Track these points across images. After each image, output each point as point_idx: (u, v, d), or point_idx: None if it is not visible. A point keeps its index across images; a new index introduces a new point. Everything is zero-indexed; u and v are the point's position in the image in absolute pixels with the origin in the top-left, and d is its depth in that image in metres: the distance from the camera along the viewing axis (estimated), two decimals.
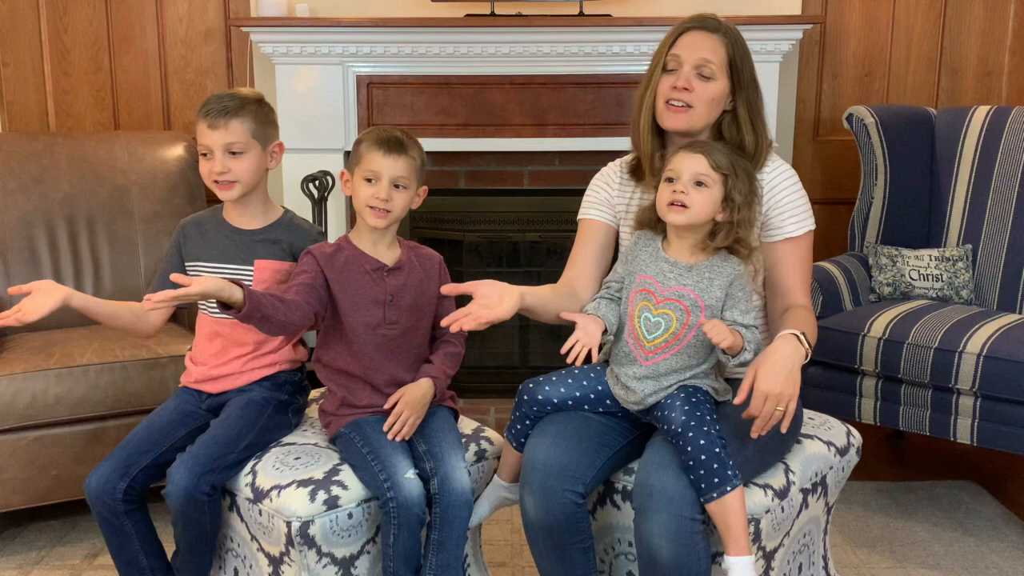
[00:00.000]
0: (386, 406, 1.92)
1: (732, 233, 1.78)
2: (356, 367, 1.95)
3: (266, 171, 2.07)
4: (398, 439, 1.88)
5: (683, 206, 1.76)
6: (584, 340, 1.72)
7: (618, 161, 2.07)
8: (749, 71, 1.92)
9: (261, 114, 2.03)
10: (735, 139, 1.92)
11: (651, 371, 1.79)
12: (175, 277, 1.71)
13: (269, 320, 1.77)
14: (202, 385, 2.06)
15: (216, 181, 2.00)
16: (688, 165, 1.77)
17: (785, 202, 1.91)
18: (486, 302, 1.71)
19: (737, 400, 1.70)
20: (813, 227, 1.95)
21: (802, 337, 1.74)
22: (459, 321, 1.68)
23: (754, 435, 1.69)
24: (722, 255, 1.80)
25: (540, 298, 1.87)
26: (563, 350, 1.71)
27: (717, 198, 1.77)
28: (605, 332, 1.79)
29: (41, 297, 1.89)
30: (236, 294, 1.71)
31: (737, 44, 1.91)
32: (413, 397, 1.92)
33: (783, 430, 1.70)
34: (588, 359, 1.73)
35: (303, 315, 1.85)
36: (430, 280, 2.00)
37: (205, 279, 1.72)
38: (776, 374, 1.68)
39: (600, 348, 1.76)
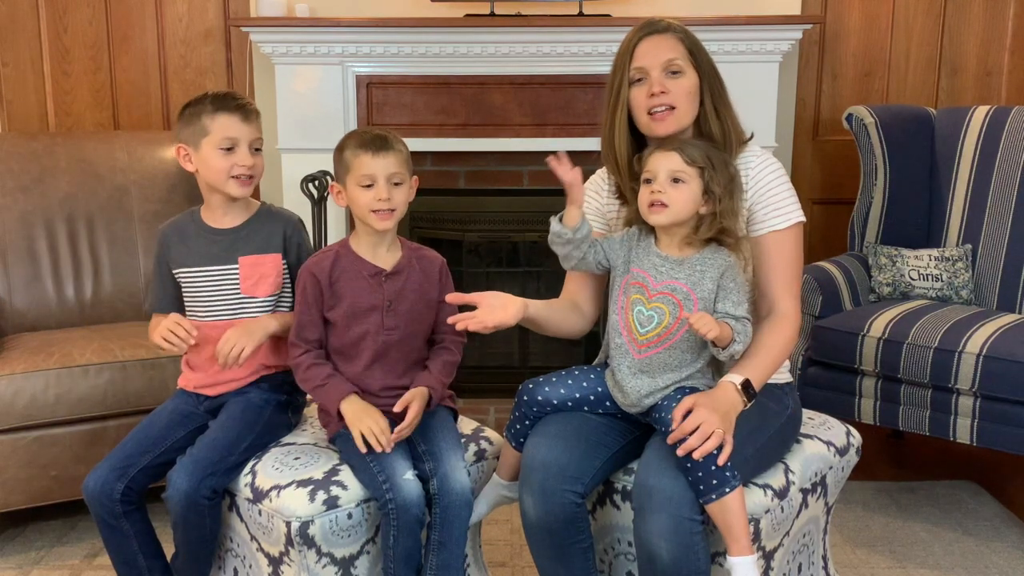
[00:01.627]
0: (396, 408, 1.88)
1: (716, 223, 1.78)
2: (349, 377, 1.93)
3: None
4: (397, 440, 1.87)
5: (663, 205, 1.76)
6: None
7: (602, 170, 2.05)
8: (706, 60, 1.91)
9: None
10: (709, 131, 1.90)
11: (644, 365, 1.79)
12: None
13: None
14: (200, 389, 2.05)
15: (237, 176, 1.99)
16: (663, 164, 1.78)
17: (769, 195, 1.89)
18: (490, 309, 1.78)
19: (674, 424, 1.68)
20: (800, 220, 1.91)
21: (740, 390, 1.73)
22: (464, 322, 1.76)
23: (670, 442, 1.68)
24: (712, 247, 1.80)
25: (543, 310, 1.91)
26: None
27: (696, 192, 1.77)
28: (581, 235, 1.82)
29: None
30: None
31: (688, 36, 1.90)
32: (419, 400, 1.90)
33: (720, 462, 1.66)
34: (589, 360, 1.73)
35: None
36: (430, 284, 1.98)
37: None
38: (715, 409, 1.68)
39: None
